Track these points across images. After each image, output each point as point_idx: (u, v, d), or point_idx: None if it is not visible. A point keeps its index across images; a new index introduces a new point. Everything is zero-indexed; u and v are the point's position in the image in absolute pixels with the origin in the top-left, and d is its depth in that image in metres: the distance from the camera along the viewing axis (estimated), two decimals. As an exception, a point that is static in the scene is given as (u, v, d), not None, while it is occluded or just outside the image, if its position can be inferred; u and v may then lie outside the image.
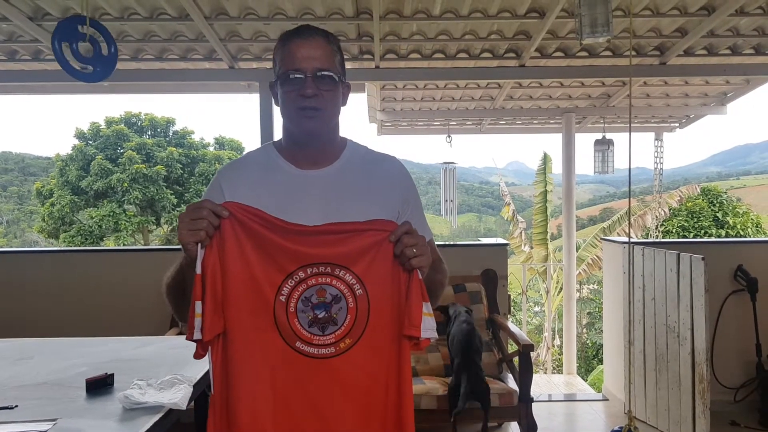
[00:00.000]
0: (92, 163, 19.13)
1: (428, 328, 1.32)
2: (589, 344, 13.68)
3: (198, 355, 1.34)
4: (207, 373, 2.02)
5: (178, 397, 1.72)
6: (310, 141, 1.51)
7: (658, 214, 10.95)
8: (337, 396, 1.34)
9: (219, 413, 1.34)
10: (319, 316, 1.33)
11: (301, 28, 1.50)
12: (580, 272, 9.78)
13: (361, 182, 1.52)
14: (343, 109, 1.56)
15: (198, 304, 1.28)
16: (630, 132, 3.27)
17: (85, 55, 3.24)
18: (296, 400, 1.33)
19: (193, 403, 1.92)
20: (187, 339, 1.30)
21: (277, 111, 4.88)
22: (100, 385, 1.87)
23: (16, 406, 1.73)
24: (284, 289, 1.33)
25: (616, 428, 3.35)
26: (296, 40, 1.47)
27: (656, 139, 8.45)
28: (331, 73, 1.46)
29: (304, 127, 1.48)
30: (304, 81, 1.44)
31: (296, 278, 1.33)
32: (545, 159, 10.78)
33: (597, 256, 10.00)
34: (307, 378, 1.33)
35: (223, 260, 1.31)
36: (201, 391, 1.96)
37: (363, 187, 1.52)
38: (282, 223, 1.33)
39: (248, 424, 1.32)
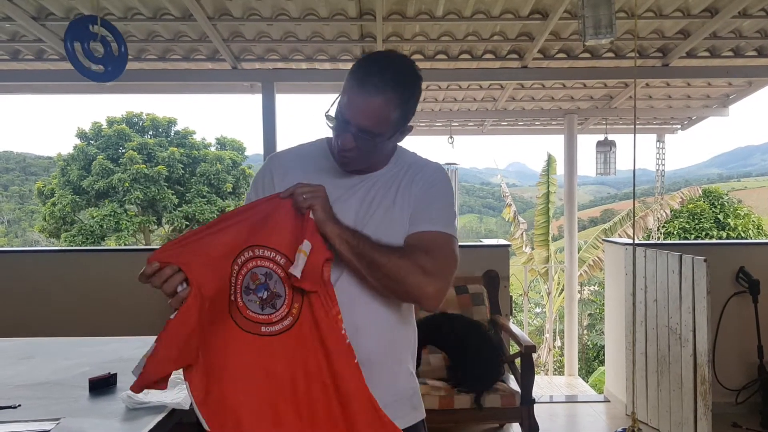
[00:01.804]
0: (93, 163, 19.13)
1: (296, 265, 1.32)
2: (590, 345, 13.68)
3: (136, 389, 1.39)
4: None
5: (181, 397, 1.72)
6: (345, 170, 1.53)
7: (659, 216, 10.94)
8: (311, 353, 1.36)
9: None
10: (264, 297, 1.37)
11: (370, 76, 1.39)
12: (581, 273, 9.78)
13: (395, 189, 1.52)
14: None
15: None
16: (635, 133, 3.27)
17: (96, 55, 3.24)
18: (283, 382, 1.36)
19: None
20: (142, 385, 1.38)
21: (279, 112, 4.82)
22: (103, 385, 1.87)
23: (19, 405, 1.73)
24: (232, 289, 1.37)
25: (618, 429, 3.35)
26: (356, 88, 1.39)
27: (658, 141, 8.45)
28: (374, 134, 1.41)
29: (339, 165, 1.51)
30: (346, 131, 1.41)
31: (234, 272, 1.37)
32: (549, 160, 10.78)
33: (598, 258, 10.00)
34: (285, 355, 1.36)
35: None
36: (204, 391, 1.96)
37: (394, 193, 1.51)
38: (202, 232, 1.37)
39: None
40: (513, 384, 3.72)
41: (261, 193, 1.54)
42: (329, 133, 1.52)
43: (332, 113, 1.44)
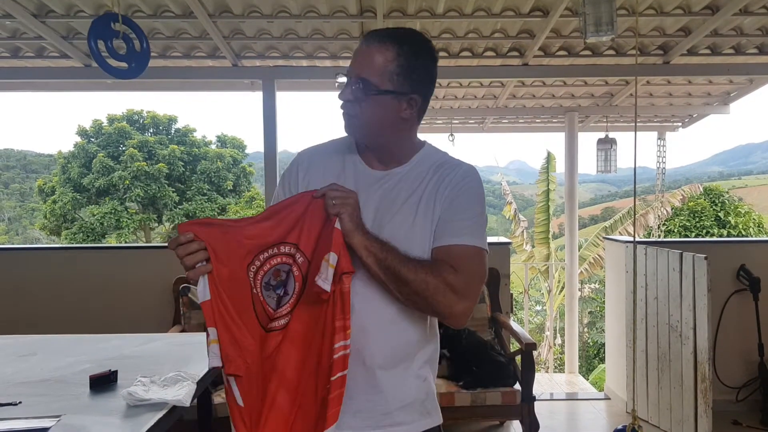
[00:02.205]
0: (94, 161, 19.16)
1: (324, 278, 1.29)
2: (591, 343, 13.68)
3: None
4: (209, 372, 2.03)
5: (182, 394, 1.72)
6: (357, 140, 1.51)
7: (660, 214, 10.95)
8: (293, 355, 1.36)
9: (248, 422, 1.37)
10: (282, 295, 1.39)
11: (375, 31, 1.44)
12: (581, 271, 9.78)
13: (422, 189, 1.46)
14: (410, 119, 1.48)
15: (212, 331, 1.32)
16: (636, 131, 3.27)
17: (120, 52, 3.24)
18: (268, 371, 1.36)
19: (196, 401, 1.92)
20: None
21: (280, 109, 4.84)
22: (103, 382, 1.87)
23: (20, 402, 1.74)
24: (252, 281, 1.37)
25: (619, 427, 3.35)
26: (362, 43, 1.42)
27: (659, 139, 8.45)
28: (368, 82, 1.38)
29: (345, 128, 1.48)
30: (345, 84, 1.42)
31: (253, 268, 1.37)
32: (549, 158, 10.78)
33: (599, 255, 10.00)
34: (279, 351, 1.36)
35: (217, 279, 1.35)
36: (204, 388, 1.96)
37: (420, 193, 1.45)
38: (233, 222, 1.38)
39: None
40: (513, 381, 3.72)
41: (287, 188, 1.54)
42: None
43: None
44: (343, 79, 1.43)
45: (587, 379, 7.30)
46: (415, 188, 1.46)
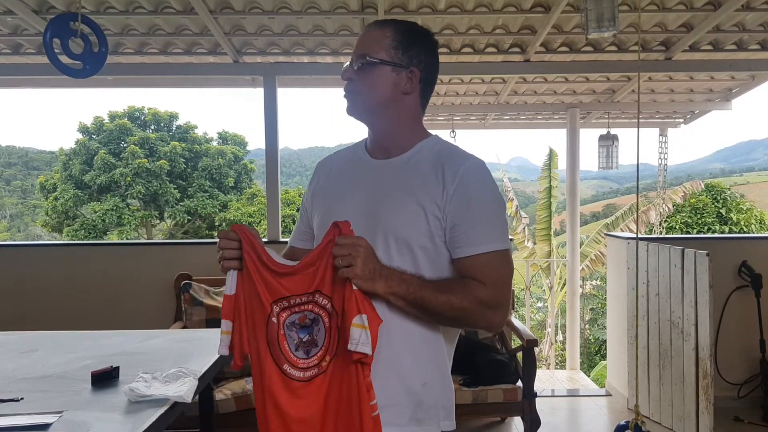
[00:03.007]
0: (95, 158, 19.14)
1: (359, 341, 1.26)
2: (592, 340, 13.67)
3: (235, 366, 1.43)
4: (212, 366, 2.03)
5: (183, 390, 1.72)
6: (363, 123, 1.54)
7: (661, 210, 10.94)
8: (331, 409, 1.34)
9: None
10: (304, 340, 1.36)
11: (380, 19, 1.54)
12: (583, 268, 9.78)
13: (414, 176, 1.43)
14: (411, 96, 1.50)
15: (226, 323, 1.38)
16: (638, 127, 3.26)
17: (76, 52, 3.26)
18: (293, 421, 1.35)
19: (197, 397, 1.92)
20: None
21: (281, 106, 4.86)
22: (105, 378, 1.87)
23: (22, 398, 1.74)
24: (275, 310, 1.38)
25: (622, 422, 3.35)
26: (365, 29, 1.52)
27: (660, 135, 8.44)
28: (368, 57, 1.45)
29: (347, 109, 1.52)
30: (346, 67, 1.49)
31: (284, 303, 1.38)
32: (551, 154, 10.77)
33: (600, 252, 9.99)
34: (293, 400, 1.35)
35: (243, 284, 1.40)
36: (206, 384, 1.97)
37: (414, 180, 1.42)
38: (270, 263, 1.38)
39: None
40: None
41: (308, 197, 1.61)
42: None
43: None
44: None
45: (588, 376, 7.31)
46: (415, 176, 1.43)
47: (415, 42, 1.47)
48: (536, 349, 3.61)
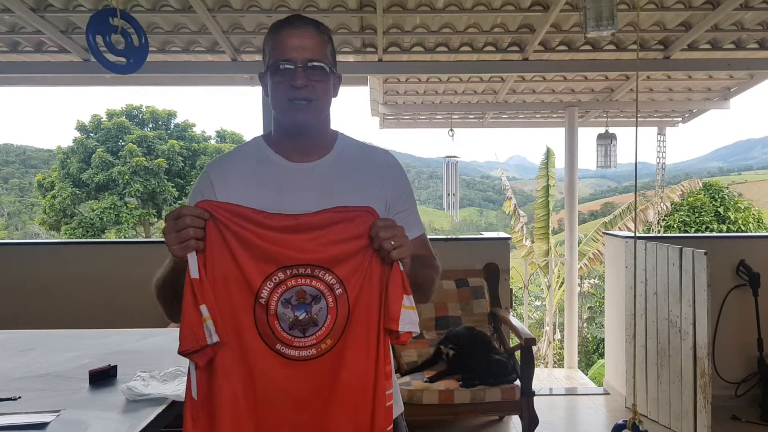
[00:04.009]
0: (93, 156, 19.13)
1: (408, 321, 1.28)
2: (590, 338, 13.69)
3: (205, 358, 1.29)
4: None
5: (181, 389, 1.72)
6: (301, 132, 1.49)
7: (660, 209, 10.95)
8: (323, 395, 1.32)
9: (200, 418, 1.31)
10: (300, 318, 1.31)
11: (291, 18, 1.48)
12: (581, 267, 9.79)
13: (354, 175, 1.51)
14: (333, 100, 1.53)
15: (204, 308, 1.25)
16: (636, 126, 3.26)
17: (119, 47, 3.24)
18: (280, 403, 1.31)
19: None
20: (186, 349, 1.26)
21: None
22: (103, 377, 1.87)
23: (20, 397, 1.73)
24: (263, 291, 1.30)
25: (620, 421, 3.35)
26: (286, 29, 1.46)
27: (659, 134, 8.44)
28: (322, 64, 1.44)
29: (295, 119, 1.46)
30: (295, 72, 1.42)
31: (275, 280, 1.30)
32: (548, 153, 10.77)
33: (598, 251, 10.00)
34: (289, 380, 1.31)
35: (209, 262, 1.30)
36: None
37: (355, 179, 1.50)
38: (263, 217, 1.31)
39: (231, 427, 1.30)
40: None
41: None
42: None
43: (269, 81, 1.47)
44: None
45: (586, 375, 7.33)
46: (354, 174, 1.51)
47: (332, 44, 1.53)
48: (534, 348, 3.61)
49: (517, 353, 3.69)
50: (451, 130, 7.38)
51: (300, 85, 1.42)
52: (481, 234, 5.33)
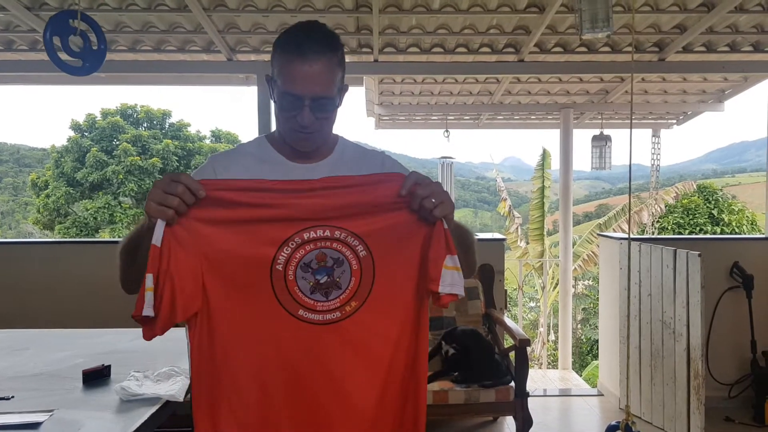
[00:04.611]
0: (88, 155, 19.07)
1: (451, 283, 1.24)
2: (584, 340, 13.71)
3: (147, 336, 1.27)
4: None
5: (175, 389, 1.72)
6: (303, 154, 1.50)
7: (654, 211, 10.98)
8: (348, 358, 1.29)
9: (205, 395, 1.29)
10: (321, 282, 1.28)
11: (303, 40, 1.39)
12: (575, 268, 9.80)
13: (358, 174, 1.50)
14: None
15: (149, 277, 1.19)
16: (631, 128, 3.27)
17: (75, 49, 3.25)
18: (307, 368, 1.28)
19: (189, 396, 1.92)
20: (134, 316, 1.22)
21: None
22: (96, 377, 1.87)
23: (13, 396, 1.73)
24: (280, 257, 1.27)
25: (613, 422, 3.35)
26: (296, 59, 1.36)
27: (653, 136, 8.46)
28: (330, 98, 1.41)
29: (298, 145, 1.46)
30: (301, 108, 1.38)
31: (292, 245, 1.27)
32: (544, 155, 10.79)
33: (593, 252, 10.02)
34: (314, 344, 1.28)
35: (209, 237, 1.25)
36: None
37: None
38: (275, 183, 1.28)
39: (259, 399, 1.28)
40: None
41: None
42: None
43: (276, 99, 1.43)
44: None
45: (580, 376, 7.34)
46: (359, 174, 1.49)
47: (344, 59, 1.49)
48: (528, 349, 3.61)
49: (512, 354, 3.69)
50: (447, 131, 7.39)
51: (305, 123, 1.39)
52: (476, 235, 5.33)
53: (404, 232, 1.30)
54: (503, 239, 4.82)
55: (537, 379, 6.18)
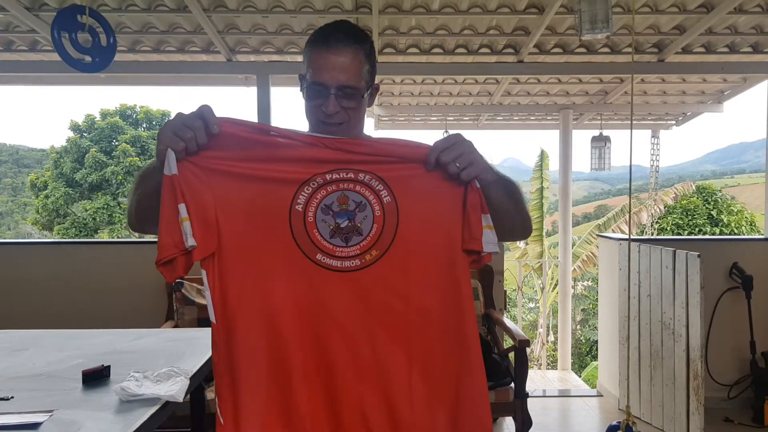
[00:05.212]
0: (87, 156, 19.07)
1: (489, 242, 1.22)
2: (583, 341, 13.71)
3: (170, 278, 1.24)
4: (204, 365, 2.01)
5: (175, 389, 1.71)
6: None
7: (653, 212, 10.99)
8: (361, 313, 1.25)
9: (224, 337, 1.25)
10: (342, 226, 1.23)
11: (330, 33, 1.41)
12: (574, 269, 9.81)
13: None
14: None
15: (182, 207, 1.16)
16: (632, 129, 3.28)
17: (84, 45, 3.22)
18: (319, 316, 1.24)
19: (189, 396, 1.92)
20: (163, 257, 1.19)
21: (274, 106, 4.82)
22: (96, 377, 1.86)
23: (12, 397, 1.72)
24: (300, 197, 1.22)
25: (614, 423, 3.36)
26: (323, 49, 1.39)
27: (653, 137, 8.47)
28: (356, 88, 1.40)
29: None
30: (327, 97, 1.38)
31: (314, 184, 1.23)
32: (542, 155, 10.80)
33: (592, 253, 10.03)
34: (331, 293, 1.24)
35: (225, 174, 1.22)
36: (197, 383, 1.96)
37: None
38: (297, 134, 1.25)
39: (270, 341, 1.24)
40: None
41: None
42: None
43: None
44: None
45: (580, 376, 7.34)
46: None
47: (373, 55, 1.48)
48: (528, 350, 3.61)
49: (511, 355, 3.69)
50: (446, 131, 7.38)
51: (331, 112, 1.39)
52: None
53: (433, 187, 1.25)
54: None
55: (536, 380, 6.18)
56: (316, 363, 1.25)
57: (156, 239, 1.23)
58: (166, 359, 2.08)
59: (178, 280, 3.91)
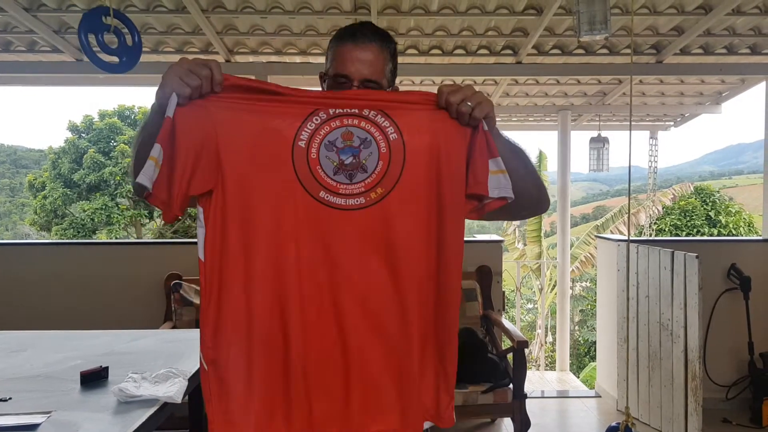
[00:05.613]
0: (85, 156, 19.05)
1: (498, 186, 1.18)
2: (581, 341, 13.72)
3: (167, 218, 1.20)
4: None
5: (173, 390, 1.71)
6: None
7: (651, 213, 11.00)
8: (366, 254, 1.22)
9: (217, 273, 1.23)
10: (346, 162, 1.20)
11: (357, 29, 1.42)
12: (573, 270, 9.82)
13: None
14: None
15: (156, 147, 1.13)
16: (630, 130, 3.28)
17: (111, 46, 3.21)
18: (320, 255, 1.22)
19: (187, 397, 1.91)
20: (145, 194, 1.15)
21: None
22: (94, 378, 1.86)
23: (10, 398, 1.72)
24: (303, 133, 1.19)
25: (613, 424, 3.36)
26: (349, 42, 1.40)
27: (651, 138, 8.48)
28: (378, 83, 1.40)
29: None
30: (349, 90, 1.39)
31: (317, 120, 1.20)
32: (540, 156, 10.81)
33: (590, 254, 10.04)
34: (333, 232, 1.21)
35: (227, 111, 1.19)
36: (196, 384, 1.95)
37: None
38: (288, 90, 1.22)
39: (271, 280, 1.22)
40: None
41: None
42: None
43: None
44: None
45: (578, 377, 7.33)
46: None
47: (395, 58, 1.49)
48: (526, 350, 3.61)
49: (509, 356, 3.69)
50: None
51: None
52: (473, 236, 5.32)
53: (441, 127, 1.23)
54: (501, 241, 4.82)
55: (534, 381, 6.17)
56: (313, 301, 1.23)
57: (157, 241, 1.23)
58: (165, 360, 2.08)
59: (175, 281, 3.91)
